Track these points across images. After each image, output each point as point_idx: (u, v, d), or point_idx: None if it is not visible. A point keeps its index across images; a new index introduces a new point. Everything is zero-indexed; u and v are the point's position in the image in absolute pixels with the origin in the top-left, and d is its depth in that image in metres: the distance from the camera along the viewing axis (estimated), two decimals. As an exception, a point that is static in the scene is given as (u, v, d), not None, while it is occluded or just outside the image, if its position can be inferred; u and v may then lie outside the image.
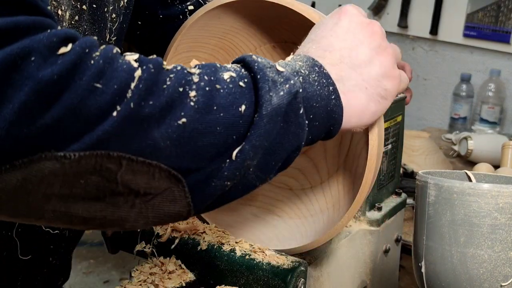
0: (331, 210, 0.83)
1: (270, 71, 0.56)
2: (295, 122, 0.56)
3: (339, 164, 0.84)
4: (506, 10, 2.30)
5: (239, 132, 0.53)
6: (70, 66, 0.47)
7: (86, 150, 0.48)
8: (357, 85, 0.62)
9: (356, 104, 0.62)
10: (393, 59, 0.65)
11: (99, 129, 0.48)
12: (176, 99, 0.51)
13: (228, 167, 0.54)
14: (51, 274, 0.87)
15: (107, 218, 0.53)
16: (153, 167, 0.51)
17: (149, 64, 0.51)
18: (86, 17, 0.71)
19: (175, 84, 0.51)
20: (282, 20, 0.80)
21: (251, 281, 0.71)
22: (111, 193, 0.51)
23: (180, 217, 0.55)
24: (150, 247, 0.78)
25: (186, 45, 0.81)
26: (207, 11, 0.76)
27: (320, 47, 0.63)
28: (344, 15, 0.65)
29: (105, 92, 0.48)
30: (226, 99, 0.53)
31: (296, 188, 0.88)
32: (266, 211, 0.88)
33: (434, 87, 2.57)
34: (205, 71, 0.54)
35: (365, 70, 0.63)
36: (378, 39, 0.64)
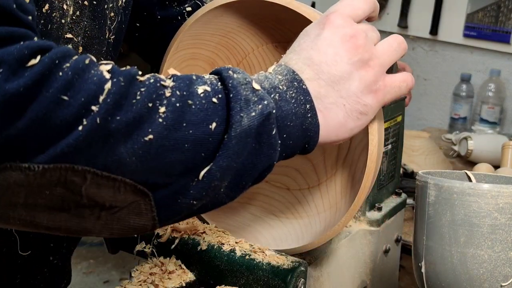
0: (329, 211, 0.83)
1: (244, 89, 0.55)
2: (267, 143, 0.55)
3: (337, 165, 0.84)
4: (506, 10, 2.30)
5: (209, 149, 0.53)
6: (37, 78, 0.47)
7: (50, 162, 0.48)
8: (334, 102, 0.61)
9: (333, 121, 0.61)
10: (376, 72, 0.63)
11: (63, 143, 0.47)
12: (144, 114, 0.50)
13: (195, 186, 0.53)
14: (53, 275, 0.87)
15: (72, 228, 0.53)
16: (118, 182, 0.50)
17: (120, 77, 0.50)
18: (87, 13, 0.71)
19: (144, 99, 0.50)
20: (283, 20, 0.80)
21: (251, 281, 0.71)
22: (76, 205, 0.51)
23: (145, 230, 0.55)
24: (150, 247, 0.78)
25: (188, 42, 0.82)
26: (210, 9, 0.76)
27: (300, 60, 0.61)
28: (327, 26, 0.62)
29: (71, 104, 0.47)
30: (197, 115, 0.52)
31: (294, 188, 0.88)
32: (264, 210, 0.88)
33: (434, 87, 2.57)
34: (178, 84, 0.53)
35: (344, 86, 0.61)
36: (360, 53, 0.61)
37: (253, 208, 0.89)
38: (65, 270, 0.91)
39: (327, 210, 0.83)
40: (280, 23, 0.82)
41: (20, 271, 0.81)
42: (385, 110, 0.90)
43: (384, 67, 0.64)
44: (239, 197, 0.89)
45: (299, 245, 0.77)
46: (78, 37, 0.71)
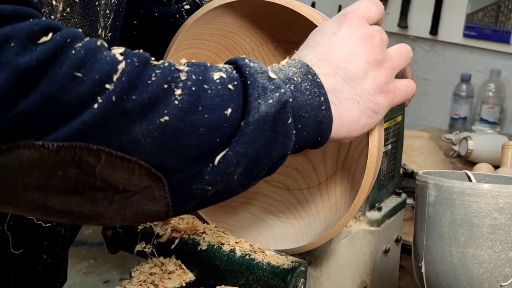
0: (328, 211, 0.83)
1: (261, 77, 0.55)
2: (282, 131, 0.56)
3: (337, 165, 0.84)
4: (506, 10, 2.30)
5: (224, 135, 0.53)
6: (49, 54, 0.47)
7: (65, 140, 0.47)
8: (349, 98, 0.61)
9: (347, 116, 0.61)
10: (388, 74, 0.64)
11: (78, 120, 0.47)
12: (160, 95, 0.50)
13: (210, 172, 0.53)
14: (47, 274, 0.87)
15: (85, 213, 0.52)
16: (133, 163, 0.50)
17: (134, 58, 0.50)
18: (78, 9, 0.71)
19: (160, 80, 0.50)
20: (283, 20, 0.80)
21: (251, 281, 0.71)
22: (89, 187, 0.50)
23: (158, 217, 0.55)
24: (150, 247, 0.78)
25: (188, 42, 0.82)
26: (210, 9, 0.76)
27: (316, 55, 0.62)
28: (345, 25, 0.63)
29: (85, 82, 0.47)
30: (212, 100, 0.52)
31: (294, 188, 0.88)
32: (264, 210, 0.88)
33: (434, 87, 2.57)
34: (194, 69, 0.53)
35: (359, 83, 0.62)
36: (375, 53, 0.63)
37: (253, 208, 0.89)
38: (60, 269, 0.90)
39: (327, 210, 0.83)
40: (280, 23, 0.82)
41: (14, 270, 0.81)
42: (385, 110, 0.90)
43: (395, 70, 0.65)
44: (239, 197, 0.90)
45: (299, 245, 0.77)
46: None
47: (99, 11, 0.75)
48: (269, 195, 0.89)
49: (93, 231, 3.01)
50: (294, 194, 0.88)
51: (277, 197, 0.89)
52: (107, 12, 0.78)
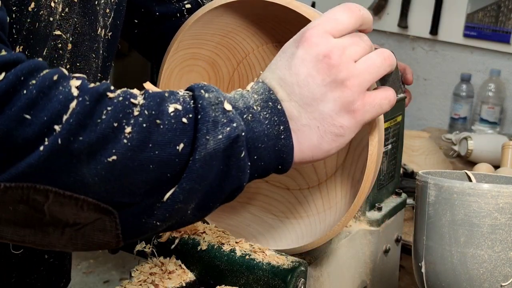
0: (328, 211, 0.83)
1: (214, 110, 0.54)
2: (235, 165, 0.55)
3: (337, 166, 0.84)
4: (506, 10, 2.30)
5: (175, 170, 0.52)
6: (0, 95, 0.47)
7: (12, 181, 0.47)
8: (307, 124, 0.59)
9: (307, 143, 0.59)
10: (353, 92, 0.59)
11: (25, 162, 0.47)
12: (109, 135, 0.49)
13: (160, 208, 0.53)
14: (50, 274, 0.87)
15: (37, 242, 0.53)
16: (81, 201, 0.50)
17: (86, 96, 0.49)
18: (77, 9, 0.71)
19: (110, 118, 0.50)
20: (283, 20, 0.80)
21: (251, 281, 0.71)
22: (39, 222, 0.51)
23: (108, 246, 0.55)
24: (150, 247, 0.78)
25: (188, 42, 0.82)
26: (210, 9, 0.76)
27: (274, 79, 0.60)
28: (302, 44, 0.59)
29: (34, 123, 0.47)
30: (164, 136, 0.51)
31: (294, 188, 0.88)
32: (264, 210, 0.88)
33: (434, 87, 2.57)
34: (148, 103, 0.52)
35: (317, 108, 0.58)
36: (334, 73, 0.58)
37: (253, 208, 0.89)
38: (63, 269, 0.90)
39: (327, 210, 0.83)
40: (280, 23, 0.82)
41: (16, 270, 0.81)
42: (385, 110, 0.90)
43: (363, 86, 0.60)
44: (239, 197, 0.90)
45: (299, 245, 0.77)
46: (67, 33, 0.70)
47: (98, 10, 0.75)
48: (269, 195, 0.89)
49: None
50: (294, 194, 0.88)
51: (277, 197, 0.89)
52: (107, 11, 0.78)
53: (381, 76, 0.62)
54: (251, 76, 0.88)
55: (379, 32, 2.60)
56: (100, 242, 0.54)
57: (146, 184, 0.51)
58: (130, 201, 0.52)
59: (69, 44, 0.71)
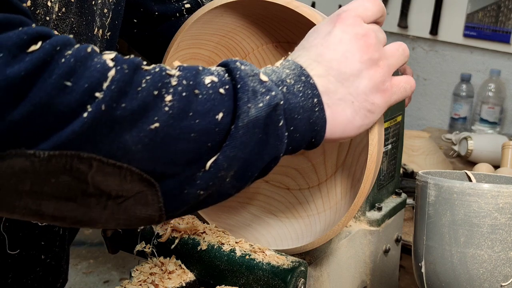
0: (328, 211, 0.83)
1: (251, 80, 0.55)
2: (274, 134, 0.55)
3: (337, 166, 0.84)
4: (506, 10, 2.30)
5: (215, 140, 0.53)
6: (38, 64, 0.47)
7: (56, 149, 0.47)
8: (343, 98, 0.61)
9: (341, 117, 0.61)
10: (385, 72, 0.63)
11: (68, 129, 0.47)
12: (150, 102, 0.50)
13: (202, 176, 0.53)
14: (46, 274, 0.86)
15: (78, 218, 0.52)
16: (124, 170, 0.50)
17: (124, 64, 0.50)
18: (74, 9, 0.71)
19: (150, 87, 0.50)
20: (283, 20, 0.80)
21: (251, 281, 0.71)
22: (82, 193, 0.50)
23: (151, 221, 0.55)
24: (150, 247, 0.78)
25: (188, 42, 0.82)
26: (210, 9, 0.76)
27: (310, 57, 0.61)
28: (339, 24, 0.62)
29: (75, 90, 0.47)
30: (203, 105, 0.52)
31: (294, 188, 0.88)
32: (264, 210, 0.88)
33: (434, 87, 2.57)
34: (185, 74, 0.53)
35: (353, 83, 0.61)
36: (370, 52, 0.62)
37: (253, 208, 0.89)
38: (60, 269, 0.90)
39: (327, 210, 0.83)
40: (280, 23, 0.82)
41: (12, 270, 0.81)
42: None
43: (391, 68, 0.64)
44: (239, 197, 0.90)
45: (299, 245, 0.77)
46: (64, 33, 0.70)
47: (95, 10, 0.75)
48: (269, 195, 0.89)
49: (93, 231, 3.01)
50: (294, 194, 0.88)
51: (277, 197, 0.89)
52: (104, 11, 0.78)
53: (403, 63, 0.67)
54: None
55: (379, 32, 2.60)
56: (143, 216, 0.53)
57: (187, 153, 0.52)
58: (172, 171, 0.52)
59: None
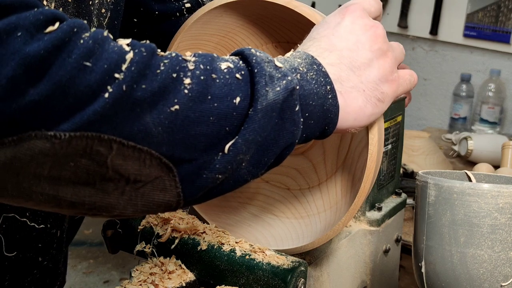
0: (329, 211, 0.83)
1: (268, 66, 0.55)
2: (290, 119, 0.56)
3: (337, 165, 0.84)
4: (506, 10, 2.30)
5: (233, 124, 0.53)
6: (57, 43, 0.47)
7: (77, 130, 0.47)
8: (355, 86, 0.62)
9: (353, 105, 0.62)
10: (392, 63, 0.65)
11: (89, 110, 0.47)
12: (169, 84, 0.50)
13: (220, 160, 0.53)
14: (44, 276, 0.86)
15: (96, 204, 0.52)
16: (144, 153, 0.50)
17: (142, 48, 0.50)
18: (71, 9, 0.71)
19: (168, 69, 0.50)
20: (283, 20, 0.80)
21: (251, 281, 0.71)
22: (101, 178, 0.50)
23: (169, 207, 0.55)
24: (150, 247, 0.78)
25: (188, 43, 0.82)
26: (209, 9, 0.76)
27: (321, 46, 0.63)
28: (348, 15, 0.64)
29: (94, 71, 0.47)
30: (221, 89, 0.52)
31: (294, 188, 0.88)
32: (264, 210, 0.88)
33: (434, 87, 2.57)
34: (201, 59, 0.54)
35: (364, 72, 0.62)
36: (379, 42, 0.64)
37: (253, 208, 0.89)
38: (57, 271, 0.90)
39: (327, 210, 0.83)
40: (280, 23, 0.82)
41: (9, 273, 0.80)
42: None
43: (397, 60, 0.67)
44: (239, 197, 0.90)
45: (299, 245, 0.77)
46: None
47: (92, 11, 0.75)
48: (269, 195, 0.89)
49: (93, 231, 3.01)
50: (294, 194, 0.88)
51: (277, 197, 0.89)
52: (102, 11, 0.78)
53: (402, 59, 0.69)
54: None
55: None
56: (161, 202, 0.53)
57: (206, 137, 0.52)
58: (190, 156, 0.52)
59: None
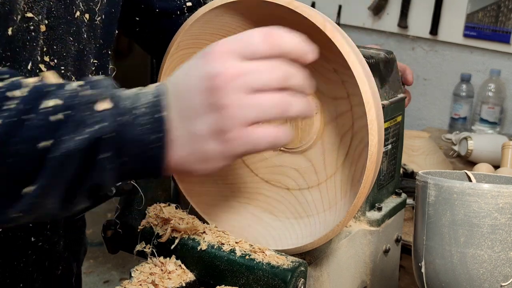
0: (329, 211, 0.83)
1: (84, 109, 0.55)
2: (96, 165, 0.55)
3: (337, 165, 0.84)
4: (506, 10, 2.30)
5: (33, 167, 0.53)
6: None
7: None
8: (182, 136, 0.58)
9: (177, 156, 0.58)
10: (228, 123, 0.57)
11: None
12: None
13: (19, 202, 0.54)
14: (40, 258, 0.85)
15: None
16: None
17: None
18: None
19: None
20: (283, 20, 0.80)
21: (251, 281, 0.71)
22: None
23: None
24: (150, 247, 0.78)
25: (188, 42, 0.82)
26: (210, 9, 0.76)
27: (172, 83, 0.60)
28: (204, 57, 0.58)
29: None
30: (30, 132, 0.53)
31: (294, 188, 0.88)
32: (264, 210, 0.88)
33: (434, 87, 2.57)
34: (28, 96, 0.54)
35: (193, 123, 0.58)
36: (215, 97, 0.56)
37: (253, 208, 0.89)
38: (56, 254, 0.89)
39: (327, 210, 0.83)
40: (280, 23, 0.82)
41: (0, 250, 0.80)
42: (385, 110, 0.90)
43: (244, 120, 0.57)
44: (239, 197, 0.89)
45: (299, 245, 0.77)
46: (39, 16, 0.72)
47: None
48: (269, 195, 0.89)
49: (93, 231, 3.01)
50: (294, 194, 0.88)
51: (277, 197, 0.89)
52: None
53: (268, 119, 0.58)
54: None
55: (379, 32, 2.60)
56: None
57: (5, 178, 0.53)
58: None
59: (42, 26, 0.73)
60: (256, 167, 0.89)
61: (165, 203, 0.81)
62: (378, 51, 0.97)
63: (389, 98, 0.96)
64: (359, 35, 2.61)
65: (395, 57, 1.00)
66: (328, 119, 0.83)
